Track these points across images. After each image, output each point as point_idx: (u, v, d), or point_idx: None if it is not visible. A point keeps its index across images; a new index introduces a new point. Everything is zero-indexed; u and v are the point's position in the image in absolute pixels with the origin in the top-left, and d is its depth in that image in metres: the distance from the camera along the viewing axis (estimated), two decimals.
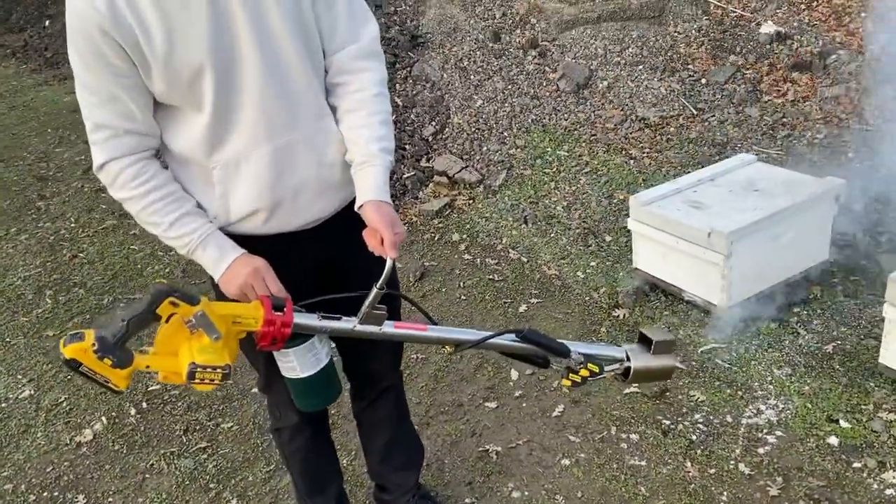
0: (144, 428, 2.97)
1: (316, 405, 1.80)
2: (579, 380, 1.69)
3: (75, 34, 1.43)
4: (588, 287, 3.46)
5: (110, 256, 4.41)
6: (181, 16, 1.43)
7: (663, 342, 1.71)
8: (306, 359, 1.63)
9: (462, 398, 2.88)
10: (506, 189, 4.45)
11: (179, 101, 1.52)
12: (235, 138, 1.56)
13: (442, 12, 5.83)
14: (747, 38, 5.52)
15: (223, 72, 1.49)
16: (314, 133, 1.63)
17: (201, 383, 1.43)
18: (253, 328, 1.50)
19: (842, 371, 2.70)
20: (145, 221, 1.60)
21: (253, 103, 1.53)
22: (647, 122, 4.92)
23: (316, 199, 1.68)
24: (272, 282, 1.58)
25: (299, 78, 1.58)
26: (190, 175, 1.63)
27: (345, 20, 1.62)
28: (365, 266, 1.70)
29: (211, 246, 1.59)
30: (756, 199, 3.07)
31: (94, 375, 1.38)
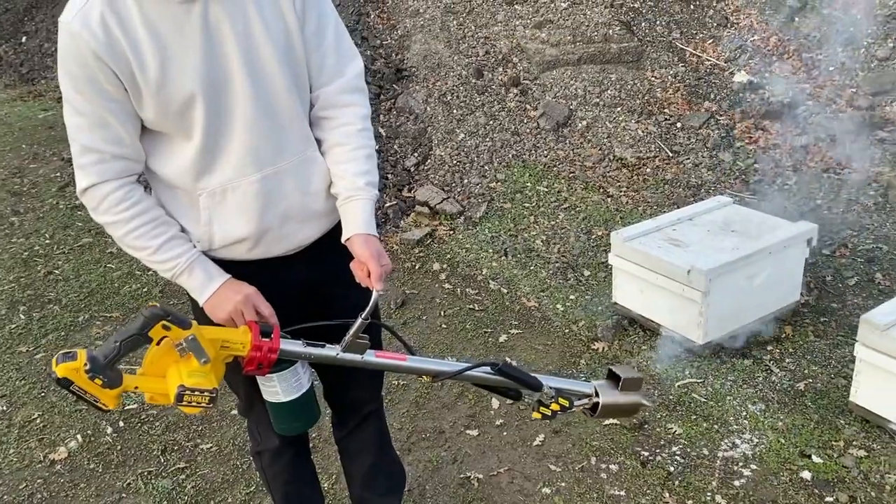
0: (121, 447, 2.94)
1: (295, 429, 1.82)
2: (549, 413, 1.74)
3: (68, 57, 1.45)
4: (567, 320, 3.52)
5: (86, 274, 4.36)
6: (176, 45, 1.46)
7: (631, 379, 1.77)
8: (289, 384, 1.66)
9: (443, 425, 2.90)
10: (486, 221, 4.52)
11: (169, 128, 1.54)
12: (223, 167, 1.58)
13: (427, 47, 5.94)
14: (721, 85, 5.72)
15: (214, 102, 1.52)
16: (300, 163, 1.66)
17: (188, 406, 1.44)
18: (241, 353, 1.53)
19: (813, 408, 2.78)
20: (130, 245, 1.60)
21: (242, 133, 1.57)
22: (624, 161, 5.06)
23: (301, 227, 1.71)
24: (263, 307, 1.61)
25: (287, 109, 1.61)
26: (175, 200, 1.64)
27: (332, 56, 1.67)
28: (347, 292, 1.76)
29: (197, 270, 1.61)
30: (733, 239, 3.18)
31: (84, 394, 1.40)
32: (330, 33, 1.66)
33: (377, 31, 6.23)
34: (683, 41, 6.10)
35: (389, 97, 5.50)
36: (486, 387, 1.79)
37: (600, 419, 2.55)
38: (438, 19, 6.17)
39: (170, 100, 1.49)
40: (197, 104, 1.50)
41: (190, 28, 1.47)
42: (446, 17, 6.20)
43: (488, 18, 6.20)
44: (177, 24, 1.46)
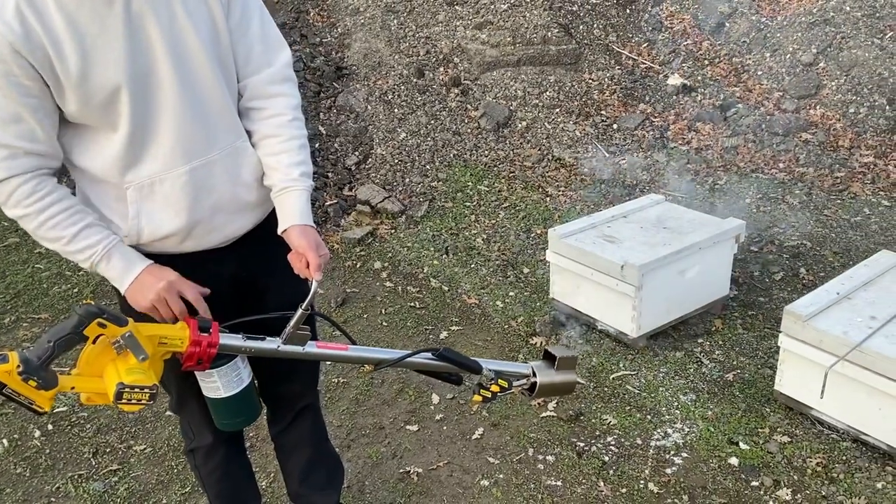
0: (50, 450, 2.85)
1: (238, 424, 1.79)
2: (490, 395, 1.77)
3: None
4: (507, 316, 3.57)
5: (13, 275, 4.22)
6: (97, 37, 1.42)
7: (566, 358, 1.81)
8: (229, 378, 1.63)
9: (383, 421, 2.91)
10: (427, 220, 4.54)
11: (93, 121, 1.50)
12: (151, 159, 1.55)
13: (367, 46, 5.94)
14: (655, 88, 5.87)
15: (140, 93, 1.49)
16: (230, 153, 1.64)
17: (128, 404, 1.40)
18: (179, 349, 1.50)
19: (741, 398, 2.88)
20: (45, 237, 1.53)
21: (170, 125, 1.53)
22: (562, 161, 5.15)
23: (231, 219, 1.69)
24: (188, 290, 1.56)
25: (215, 100, 1.59)
26: (102, 195, 1.60)
27: (259, 45, 1.65)
28: (280, 282, 1.77)
29: (116, 257, 1.55)
30: (665, 235, 3.27)
31: (18, 397, 1.36)
32: (255, 22, 1.64)
33: (316, 29, 6.19)
34: (620, 44, 6.24)
35: (329, 95, 5.48)
36: (427, 373, 1.80)
37: (539, 399, 2.59)
38: (379, 18, 6.17)
39: (93, 92, 1.45)
40: (122, 96, 1.47)
41: (112, 19, 1.43)
42: (387, 16, 6.20)
43: (429, 18, 6.23)
44: (97, 15, 1.42)
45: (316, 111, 5.32)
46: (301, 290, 1.69)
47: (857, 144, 5.00)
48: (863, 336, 2.45)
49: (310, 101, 5.35)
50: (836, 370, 2.46)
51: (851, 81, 5.35)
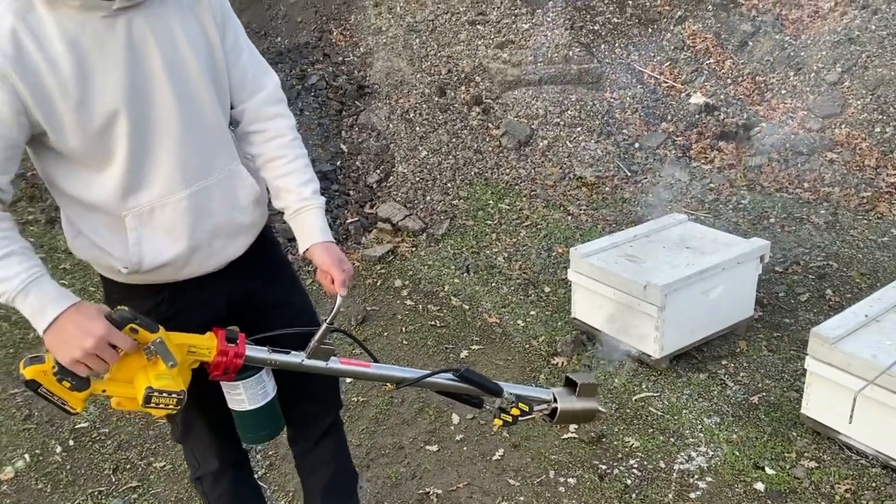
0: (71, 466, 2.86)
1: (262, 438, 1.79)
2: (510, 419, 1.77)
3: None
4: (528, 335, 3.54)
5: None
6: (98, 60, 1.41)
7: (588, 385, 1.80)
8: (255, 391, 1.64)
9: (403, 441, 2.89)
10: (448, 238, 4.54)
11: (91, 150, 1.46)
12: (151, 184, 1.53)
13: (389, 65, 5.98)
14: (678, 107, 5.84)
15: (139, 117, 1.47)
16: (227, 177, 1.64)
17: (156, 408, 1.42)
18: (206, 358, 1.51)
19: (766, 421, 2.83)
20: None
21: (170, 149, 1.52)
22: (584, 180, 5.13)
23: (229, 242, 1.68)
24: (121, 341, 1.38)
25: (214, 124, 1.59)
26: (98, 225, 1.56)
27: (251, 70, 1.68)
28: (283, 299, 1.79)
29: (34, 292, 1.37)
30: (688, 255, 3.24)
31: (52, 397, 1.38)
32: (245, 47, 1.66)
33: (339, 48, 6.25)
34: (641, 63, 6.23)
35: (351, 113, 5.51)
36: (448, 394, 1.79)
37: (559, 425, 2.56)
38: (401, 37, 6.22)
39: (91, 116, 1.42)
40: (120, 120, 1.45)
41: (113, 43, 1.42)
42: (409, 36, 6.24)
43: (451, 38, 6.27)
44: (98, 39, 1.41)
45: (338, 129, 5.36)
46: (303, 302, 1.70)
47: (884, 164, 4.94)
48: (892, 359, 2.40)
49: (332, 119, 5.39)
50: (864, 394, 2.41)
51: (877, 101, 5.29)
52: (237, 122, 1.70)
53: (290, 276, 1.91)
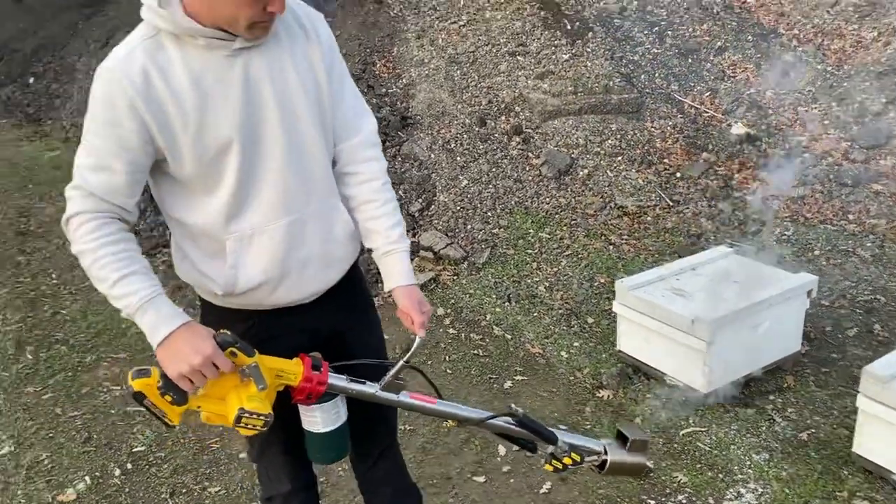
0: (129, 489, 2.95)
1: (329, 459, 1.89)
2: (561, 467, 1.82)
3: (97, 101, 1.51)
4: (572, 367, 3.57)
5: (93, 315, 4.40)
6: (217, 94, 1.54)
7: (639, 441, 1.84)
8: (329, 415, 1.73)
9: (450, 471, 2.93)
10: (489, 267, 4.59)
11: (204, 176, 1.59)
12: (254, 212, 1.64)
13: (431, 96, 6.08)
14: (719, 137, 5.85)
15: (249, 148, 1.59)
16: (324, 210, 1.74)
17: (245, 427, 1.52)
18: (292, 383, 1.61)
19: (816, 458, 2.82)
20: (95, 277, 1.54)
21: (274, 180, 1.63)
22: (625, 210, 5.15)
23: (319, 273, 1.77)
24: (224, 363, 1.50)
25: (316, 159, 1.70)
26: (200, 247, 1.69)
27: (351, 112, 1.78)
28: (364, 339, 1.90)
29: (152, 310, 1.51)
30: (735, 290, 3.24)
31: (154, 409, 1.50)
32: (348, 90, 1.77)
33: (383, 80, 6.38)
34: (682, 93, 6.26)
35: (394, 144, 5.61)
36: (504, 436, 1.84)
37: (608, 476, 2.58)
38: (443, 69, 6.33)
39: (207, 145, 1.55)
40: (232, 150, 1.57)
41: (231, 79, 1.55)
42: (450, 67, 6.35)
43: (491, 69, 6.36)
44: (219, 75, 1.54)
45: None
46: (379, 344, 1.84)
47: None
48: None
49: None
50: None
51: None
52: (334, 162, 1.79)
53: (373, 318, 2.00)
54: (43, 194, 6.76)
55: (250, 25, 1.52)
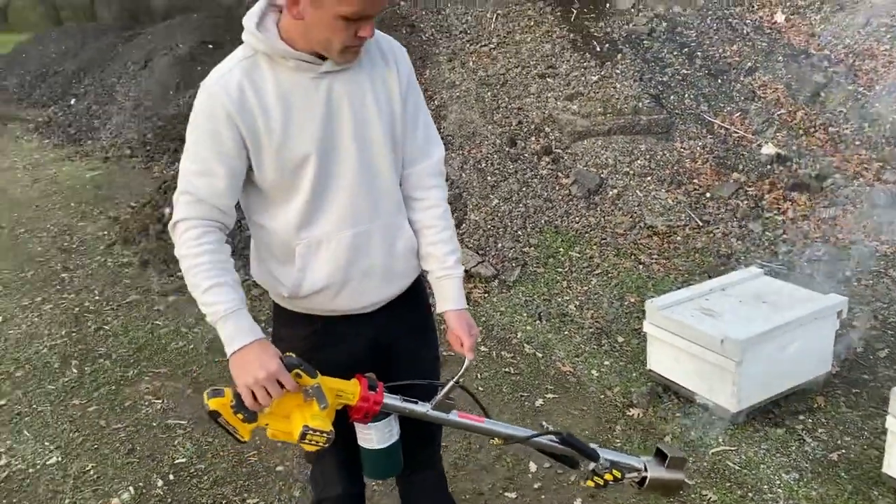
0: (171, 500, 3.05)
1: (383, 475, 2.02)
2: (602, 483, 1.90)
3: (200, 112, 1.69)
4: (602, 385, 3.62)
5: (134, 330, 4.54)
6: (301, 111, 1.70)
7: (676, 458, 1.93)
8: (383, 433, 1.83)
9: (482, 487, 2.99)
10: (520, 285, 4.66)
11: (283, 185, 1.75)
12: (324, 221, 1.79)
13: (462, 117, 6.19)
14: (749, 157, 5.87)
15: (324, 163, 1.74)
16: (389, 225, 1.87)
17: (308, 444, 1.64)
18: (350, 402, 1.71)
19: (847, 479, 2.84)
20: (190, 281, 1.69)
21: (344, 193, 1.78)
22: (655, 229, 5.19)
23: (380, 285, 1.89)
24: (288, 381, 1.63)
25: (385, 178, 1.83)
26: (273, 249, 1.84)
27: (422, 138, 1.91)
28: (419, 355, 2.03)
29: (232, 321, 1.66)
30: (765, 310, 3.28)
31: (227, 426, 1.63)
32: (422, 119, 1.90)
33: None
34: (711, 114, 6.30)
35: None
36: (547, 453, 1.92)
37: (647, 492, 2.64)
38: (474, 91, 6.44)
39: (288, 157, 1.71)
40: (309, 163, 1.72)
41: (315, 98, 1.71)
42: (481, 89, 6.47)
43: (521, 90, 6.46)
44: (305, 95, 1.70)
45: None
46: (434, 361, 1.98)
47: None
48: None
49: None
50: None
51: None
52: (401, 183, 1.91)
53: (431, 337, 2.12)
54: (84, 213, 6.98)
55: (343, 49, 1.67)
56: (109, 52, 13.39)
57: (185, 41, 11.70)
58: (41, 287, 5.30)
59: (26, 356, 4.30)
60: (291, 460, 3.22)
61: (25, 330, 4.64)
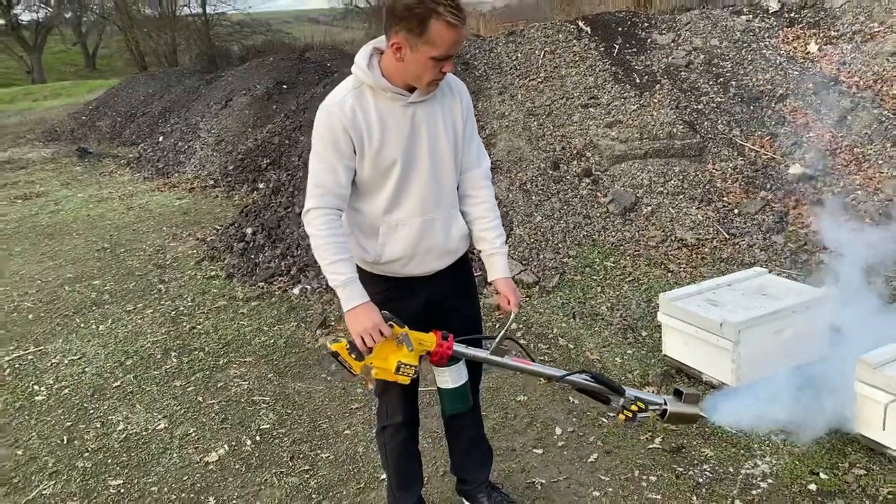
0: (258, 454, 3.70)
1: (459, 409, 2.59)
2: (630, 414, 2.45)
3: (323, 126, 2.33)
4: (624, 370, 4.14)
5: (223, 329, 5.27)
6: (392, 128, 2.35)
7: (691, 394, 2.49)
8: (455, 375, 2.47)
9: (515, 445, 3.54)
10: (558, 290, 5.22)
11: (375, 181, 2.41)
12: (402, 209, 2.44)
13: (511, 144, 6.83)
14: (777, 177, 6.32)
15: (406, 167, 2.40)
16: (447, 216, 2.54)
17: (401, 375, 2.32)
18: (430, 348, 2.36)
19: (827, 438, 3.29)
20: (319, 255, 2.35)
21: (418, 189, 2.44)
22: (684, 242, 5.69)
23: (437, 258, 2.56)
24: (385, 329, 2.32)
25: (448, 178, 2.51)
26: (363, 226, 2.50)
27: (475, 151, 2.61)
28: (461, 305, 2.69)
29: (349, 288, 2.35)
30: (763, 300, 3.77)
31: (344, 362, 2.32)
32: (476, 139, 2.60)
33: None
34: (743, 138, 6.77)
35: None
36: (583, 391, 2.51)
37: (669, 424, 3.12)
38: (521, 121, 7.08)
39: (381, 161, 2.36)
40: (396, 166, 2.38)
41: (403, 121, 2.37)
42: (528, 119, 7.10)
43: (565, 119, 7.07)
44: (395, 117, 2.36)
45: None
46: (475, 312, 2.66)
47: None
48: None
49: None
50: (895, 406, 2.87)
51: None
52: (459, 185, 2.58)
53: (473, 293, 2.77)
54: (175, 235, 7.85)
55: (430, 82, 2.31)
56: (193, 94, 14.58)
57: (261, 82, 12.75)
58: (142, 296, 6.11)
59: (134, 349, 5.06)
60: (357, 425, 3.84)
61: (132, 329, 5.42)
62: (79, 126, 16.28)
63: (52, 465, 3.73)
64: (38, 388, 4.58)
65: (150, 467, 3.67)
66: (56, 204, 9.93)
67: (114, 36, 32.90)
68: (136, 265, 6.98)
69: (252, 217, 7.16)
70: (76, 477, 3.61)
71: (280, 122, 10.07)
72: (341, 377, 4.24)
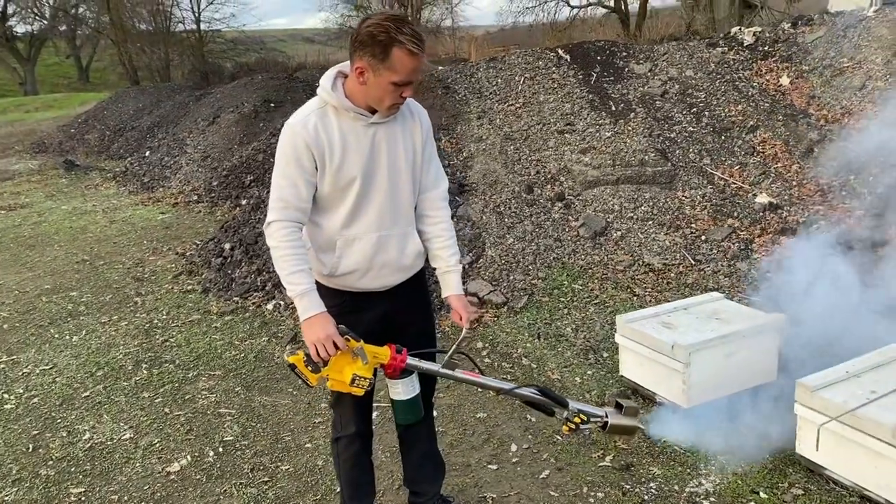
0: (220, 465, 3.77)
1: (409, 420, 2.68)
2: (573, 426, 2.55)
3: (287, 142, 2.44)
4: (582, 389, 4.24)
5: (195, 342, 5.34)
6: (353, 147, 2.46)
7: (631, 407, 2.59)
8: (407, 387, 2.56)
9: (471, 461, 3.63)
10: (526, 311, 5.32)
11: (334, 197, 2.53)
12: (359, 224, 2.55)
13: (486, 167, 6.97)
14: (744, 205, 6.48)
15: (365, 184, 2.50)
16: (403, 233, 2.65)
17: (356, 387, 2.43)
18: (384, 361, 2.47)
19: (770, 459, 3.40)
20: (277, 265, 2.46)
21: (375, 207, 2.56)
22: (651, 267, 5.82)
23: (391, 273, 2.67)
24: (339, 341, 2.43)
25: (405, 197, 2.62)
26: (321, 240, 2.60)
27: (433, 174, 2.72)
28: (416, 320, 2.79)
29: (306, 298, 2.45)
30: (715, 324, 3.89)
31: (301, 375, 2.43)
32: (434, 161, 2.71)
33: (446, 154, 7.31)
34: (713, 166, 6.94)
35: (452, 207, 6.48)
36: (529, 403, 2.60)
37: (610, 435, 3.21)
38: (498, 144, 7.23)
39: (341, 178, 2.48)
40: (355, 183, 2.50)
41: (364, 140, 2.48)
42: (505, 143, 7.25)
43: (541, 144, 7.22)
44: (357, 136, 2.47)
45: None
46: (430, 328, 2.77)
47: None
48: (859, 403, 2.97)
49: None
50: (828, 428, 2.98)
51: None
52: (416, 205, 2.70)
53: (427, 310, 2.87)
54: (155, 249, 7.93)
55: (390, 105, 2.43)
56: (182, 109, 14.72)
57: (248, 100, 12.90)
58: (117, 308, 6.18)
59: (105, 360, 5.13)
60: (319, 439, 3.92)
61: (105, 340, 5.49)
62: (67, 139, 16.37)
63: (15, 472, 3.79)
64: (8, 397, 4.64)
65: (112, 476, 3.73)
66: (39, 215, 10.00)
67: (108, 49, 33.09)
68: (115, 278, 7.05)
69: (231, 233, 7.25)
70: (39, 484, 3.67)
71: (265, 139, 10.20)
72: (307, 391, 4.32)
